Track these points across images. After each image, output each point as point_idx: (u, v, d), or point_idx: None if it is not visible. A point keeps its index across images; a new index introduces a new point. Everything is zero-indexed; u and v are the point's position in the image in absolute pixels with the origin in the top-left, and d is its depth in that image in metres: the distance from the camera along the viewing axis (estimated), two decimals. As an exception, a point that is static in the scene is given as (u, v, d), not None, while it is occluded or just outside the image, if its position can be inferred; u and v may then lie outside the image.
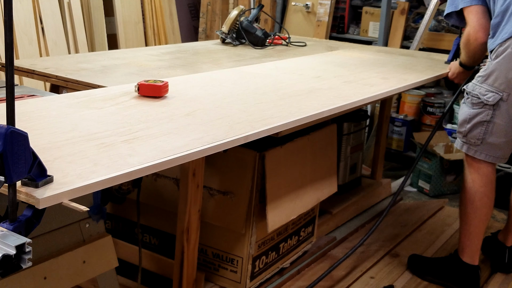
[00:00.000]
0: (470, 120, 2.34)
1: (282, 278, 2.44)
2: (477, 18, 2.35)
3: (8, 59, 1.01)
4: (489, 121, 2.30)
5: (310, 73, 2.48)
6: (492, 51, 2.29)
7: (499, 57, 2.24)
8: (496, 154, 2.35)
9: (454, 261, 2.47)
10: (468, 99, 2.36)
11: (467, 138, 2.37)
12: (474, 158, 2.38)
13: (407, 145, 4.25)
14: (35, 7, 3.70)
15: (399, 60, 3.06)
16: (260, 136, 1.62)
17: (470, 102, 2.35)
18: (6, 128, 1.02)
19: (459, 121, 2.41)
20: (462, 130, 2.39)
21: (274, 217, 2.16)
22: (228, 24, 3.24)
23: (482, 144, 2.34)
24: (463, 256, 2.44)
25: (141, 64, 2.52)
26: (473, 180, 2.38)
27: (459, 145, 2.42)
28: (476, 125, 2.33)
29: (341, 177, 3.06)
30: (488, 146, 2.33)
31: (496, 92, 2.26)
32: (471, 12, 2.36)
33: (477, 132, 2.33)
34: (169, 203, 2.19)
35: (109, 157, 1.30)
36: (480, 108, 2.31)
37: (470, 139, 2.36)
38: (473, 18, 2.36)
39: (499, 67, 2.24)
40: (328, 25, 4.56)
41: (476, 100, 2.32)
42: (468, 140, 2.37)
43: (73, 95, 1.88)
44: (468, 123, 2.35)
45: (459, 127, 2.40)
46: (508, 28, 2.22)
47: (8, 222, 1.10)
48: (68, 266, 1.58)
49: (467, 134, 2.36)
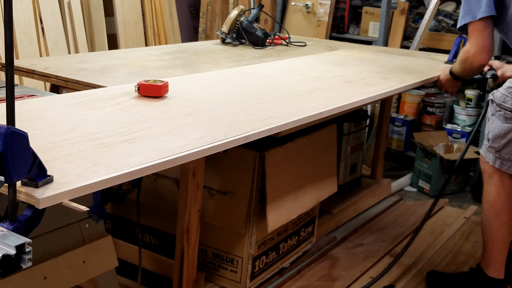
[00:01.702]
0: (505, 135, 2.21)
1: (282, 278, 2.44)
2: (482, 38, 2.21)
3: (8, 59, 1.01)
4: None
5: (310, 73, 2.48)
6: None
7: None
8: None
9: (479, 276, 2.38)
10: (500, 112, 2.21)
11: (500, 153, 2.25)
12: (503, 173, 2.27)
13: (407, 145, 4.25)
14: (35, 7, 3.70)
15: (399, 60, 3.06)
16: (260, 136, 1.62)
17: (503, 116, 2.20)
18: (6, 128, 1.02)
19: (492, 135, 2.26)
20: (495, 146, 2.25)
21: (274, 217, 2.16)
22: (228, 24, 3.24)
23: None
24: (488, 271, 2.35)
25: (141, 64, 2.52)
26: (499, 194, 2.29)
27: (491, 160, 2.28)
28: (511, 140, 2.21)
29: (341, 177, 3.06)
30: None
31: None
32: (479, 30, 2.21)
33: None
34: (169, 203, 2.19)
35: (109, 157, 1.30)
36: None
37: (504, 154, 2.24)
38: (477, 38, 2.22)
39: None
40: (328, 25, 4.56)
41: (510, 115, 2.18)
42: (501, 156, 2.25)
43: (73, 95, 1.88)
44: (503, 138, 2.22)
45: (492, 142, 2.26)
46: None
47: (8, 222, 1.10)
48: (68, 266, 1.58)
49: (500, 150, 2.24)
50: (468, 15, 2.21)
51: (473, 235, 3.06)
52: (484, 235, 2.36)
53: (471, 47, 2.24)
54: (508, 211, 2.29)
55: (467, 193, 3.81)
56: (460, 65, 2.39)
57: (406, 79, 2.51)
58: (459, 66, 2.41)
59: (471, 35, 2.24)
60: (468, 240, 3.00)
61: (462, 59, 2.35)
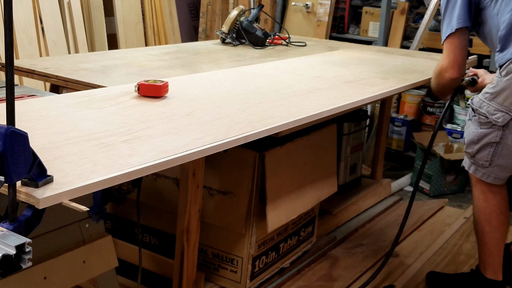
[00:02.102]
0: (478, 141, 2.20)
1: (282, 278, 2.44)
2: (455, 53, 2.22)
3: (8, 59, 1.01)
4: (498, 142, 2.16)
5: (310, 73, 2.48)
6: (502, 67, 2.11)
7: (510, 74, 2.08)
8: (504, 176, 2.24)
9: (478, 277, 2.37)
10: (475, 117, 2.20)
11: (474, 159, 2.24)
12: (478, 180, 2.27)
13: (407, 145, 4.25)
14: (35, 7, 3.70)
15: (399, 60, 3.06)
16: (260, 136, 1.62)
17: (478, 121, 2.20)
18: (6, 128, 1.02)
19: (466, 141, 2.26)
20: (469, 151, 2.25)
21: (274, 217, 2.16)
22: (228, 24, 3.24)
23: (491, 166, 2.21)
24: (486, 273, 2.34)
25: (141, 64, 2.52)
26: (486, 199, 2.27)
27: (467, 166, 2.30)
28: (484, 146, 2.19)
29: (341, 177, 3.06)
30: (496, 168, 2.21)
31: (506, 112, 2.10)
32: (453, 44, 2.22)
33: (485, 154, 2.20)
34: (169, 203, 2.19)
35: (109, 157, 1.30)
36: (489, 128, 2.16)
37: (478, 160, 2.23)
38: (451, 52, 2.23)
39: (510, 85, 2.09)
40: (328, 25, 4.56)
41: (484, 120, 2.17)
42: (476, 162, 2.24)
43: (73, 95, 1.88)
44: (476, 144, 2.21)
45: (466, 147, 2.26)
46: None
47: (8, 222, 1.10)
48: (68, 266, 1.58)
49: (475, 155, 2.23)
50: (449, 28, 2.22)
51: (473, 235, 3.04)
52: (477, 239, 2.36)
53: (443, 61, 2.27)
54: (497, 216, 2.27)
55: (467, 193, 3.81)
56: (435, 79, 2.40)
57: (406, 79, 2.51)
58: (434, 81, 2.42)
59: (446, 50, 2.26)
60: (468, 240, 3.00)
61: (436, 72, 2.37)
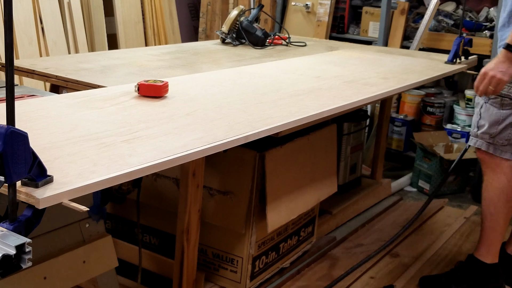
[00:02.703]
0: (503, 121, 2.30)
1: (282, 278, 2.44)
2: None
3: (8, 59, 1.01)
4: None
5: (310, 73, 2.48)
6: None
7: None
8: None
9: (476, 266, 2.42)
10: (497, 99, 2.28)
11: (494, 139, 2.32)
12: (499, 158, 2.33)
13: (407, 145, 4.25)
14: (35, 7, 3.70)
15: (399, 60, 3.06)
16: (260, 136, 1.62)
17: (500, 103, 2.29)
18: (6, 128, 1.02)
19: (489, 122, 2.33)
20: (492, 132, 2.32)
21: (274, 217, 2.16)
22: (228, 24, 3.24)
23: (509, 145, 2.31)
24: (487, 259, 2.39)
25: (141, 64, 2.52)
26: (499, 180, 2.34)
27: (485, 147, 2.35)
28: (507, 126, 2.29)
29: (341, 177, 3.06)
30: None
31: None
32: None
33: (508, 133, 2.30)
34: (169, 203, 2.19)
35: (109, 157, 1.30)
36: (511, 109, 2.28)
37: (498, 140, 2.32)
38: None
39: None
40: (328, 25, 4.56)
41: (507, 101, 2.27)
42: (495, 141, 2.32)
43: (73, 95, 1.88)
44: (500, 124, 2.30)
45: (489, 128, 2.33)
46: None
47: (8, 222, 1.09)
48: (68, 266, 1.58)
49: (496, 136, 2.32)
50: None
51: (473, 235, 3.06)
52: (486, 223, 2.39)
53: None
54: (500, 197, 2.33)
55: (467, 193, 3.81)
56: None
57: (406, 79, 2.51)
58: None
59: None
60: (468, 240, 3.00)
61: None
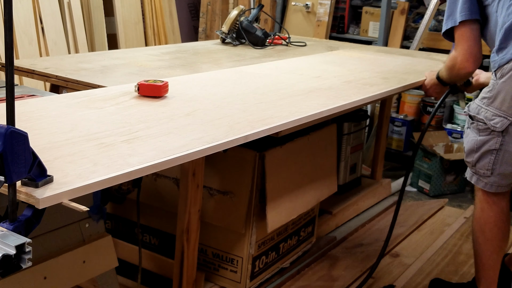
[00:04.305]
0: (478, 149, 2.09)
1: (282, 278, 2.44)
2: (468, 45, 2.07)
3: (8, 59, 1.01)
4: (499, 150, 2.05)
5: (310, 73, 2.48)
6: (497, 69, 2.00)
7: (506, 75, 1.97)
8: (506, 183, 2.13)
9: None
10: (474, 124, 2.10)
11: (475, 168, 2.13)
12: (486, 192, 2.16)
13: (407, 145, 4.25)
14: (35, 7, 3.70)
15: (399, 60, 3.06)
16: (260, 136, 1.62)
17: (476, 128, 2.08)
18: (6, 128, 1.02)
19: (466, 150, 2.15)
20: (470, 160, 2.14)
21: (274, 217, 2.16)
22: (228, 24, 3.24)
23: (493, 176, 2.10)
24: (480, 286, 2.25)
25: (141, 64, 2.52)
26: (482, 210, 2.18)
27: (469, 176, 2.19)
28: (484, 154, 2.08)
29: (341, 177, 3.06)
30: (499, 177, 2.10)
31: (505, 117, 1.99)
32: (464, 36, 2.08)
33: (486, 162, 2.09)
34: (169, 203, 2.19)
35: (109, 157, 1.30)
36: (488, 135, 2.05)
37: (479, 169, 2.12)
38: (464, 44, 2.08)
39: (505, 87, 1.98)
40: (328, 25, 4.56)
41: (482, 126, 2.05)
42: (477, 171, 2.13)
43: (73, 95, 1.88)
44: (476, 152, 2.10)
45: (467, 157, 2.16)
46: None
47: (8, 222, 1.10)
48: (68, 266, 1.58)
49: (475, 164, 2.12)
50: (450, 20, 2.11)
51: (473, 235, 3.06)
52: (473, 251, 2.27)
53: (457, 54, 2.12)
54: (491, 227, 2.16)
55: (467, 193, 3.81)
56: (447, 71, 2.27)
57: (406, 79, 2.51)
58: (446, 73, 2.29)
59: (457, 41, 2.12)
60: (468, 240, 3.00)
61: (448, 66, 2.23)
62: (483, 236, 2.19)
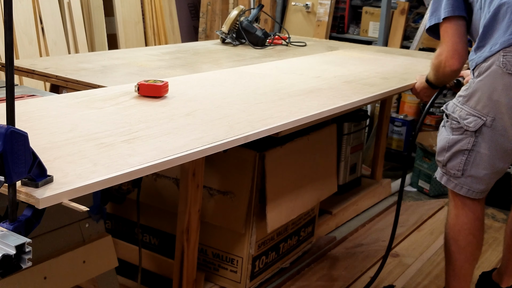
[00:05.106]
0: (450, 148, 2.00)
1: (282, 278, 2.44)
2: (453, 41, 2.00)
3: (8, 59, 1.01)
4: (471, 150, 1.96)
5: (310, 73, 2.48)
6: (475, 67, 1.93)
7: (482, 74, 1.89)
8: (479, 188, 2.00)
9: None
10: (448, 123, 2.02)
11: (446, 168, 2.04)
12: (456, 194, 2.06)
13: (407, 145, 4.25)
14: (35, 7, 3.70)
15: (399, 60, 3.06)
16: (260, 136, 1.62)
17: (450, 126, 2.01)
18: (6, 128, 1.02)
19: (438, 148, 2.07)
20: (440, 159, 2.05)
21: (274, 217, 2.16)
22: (228, 24, 3.24)
23: (463, 177, 2.00)
24: None
25: (141, 64, 2.52)
26: (457, 216, 2.07)
27: (439, 176, 2.10)
28: (456, 154, 1.99)
29: (341, 177, 3.06)
30: (470, 179, 1.99)
31: (479, 116, 1.91)
32: (448, 32, 2.02)
33: (457, 163, 1.99)
34: (169, 203, 2.19)
35: (109, 157, 1.30)
36: (460, 134, 1.97)
37: (449, 169, 2.02)
38: (449, 41, 2.01)
39: (482, 86, 1.90)
40: (328, 25, 4.56)
41: (456, 125, 1.98)
42: (447, 171, 2.04)
43: (73, 95, 1.88)
44: (447, 151, 2.01)
45: (438, 155, 2.07)
46: (498, 38, 1.85)
47: (8, 222, 1.10)
48: (68, 266, 1.58)
49: (446, 164, 2.03)
50: (434, 16, 2.05)
51: (473, 235, 3.06)
52: (445, 259, 2.17)
53: (442, 51, 2.05)
54: (465, 235, 2.06)
55: (467, 193, 3.80)
56: (433, 71, 2.19)
57: (406, 79, 2.51)
58: (433, 73, 2.21)
59: (442, 39, 2.06)
60: (468, 240, 3.00)
61: (434, 64, 2.14)
62: (456, 244, 2.09)
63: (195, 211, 1.99)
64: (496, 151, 1.94)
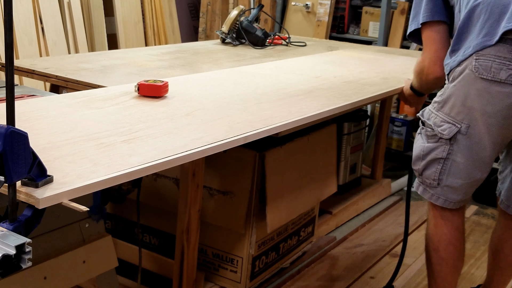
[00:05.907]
0: (425, 156, 1.91)
1: (282, 278, 2.44)
2: (435, 48, 1.93)
3: (8, 59, 1.01)
4: (446, 159, 1.86)
5: (310, 73, 2.48)
6: (450, 72, 1.84)
7: (456, 79, 1.80)
8: (455, 199, 1.91)
9: None
10: (423, 130, 1.93)
11: (422, 178, 1.95)
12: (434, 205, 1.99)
13: (407, 145, 4.24)
14: (35, 7, 3.70)
15: (399, 60, 3.06)
16: (260, 136, 1.62)
17: (425, 133, 1.92)
18: (6, 128, 1.02)
19: (413, 156, 1.97)
20: (416, 168, 1.96)
21: (274, 217, 2.16)
22: (228, 24, 3.24)
23: (439, 186, 1.91)
24: None
25: (141, 64, 2.52)
26: (436, 226, 2.00)
27: (415, 186, 2.02)
28: (431, 162, 1.90)
29: (341, 177, 3.06)
30: (446, 189, 1.91)
31: (453, 123, 1.82)
32: (430, 38, 1.95)
33: (433, 172, 1.90)
34: (169, 203, 2.19)
35: (109, 157, 1.30)
36: (435, 142, 1.88)
37: (425, 179, 1.94)
38: (431, 47, 1.95)
39: (456, 91, 1.80)
40: (328, 25, 4.56)
41: (430, 132, 1.89)
42: (423, 181, 1.95)
43: (73, 95, 1.88)
44: (422, 159, 1.92)
45: (413, 164, 1.97)
46: (471, 41, 1.76)
47: (8, 222, 1.10)
48: (68, 266, 1.58)
49: (422, 173, 1.94)
50: (414, 22, 1.98)
51: (473, 235, 3.06)
52: (427, 269, 2.10)
53: (425, 57, 1.98)
54: (445, 246, 1.98)
55: (467, 193, 3.80)
56: (416, 78, 2.13)
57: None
58: (416, 80, 2.14)
59: (424, 45, 1.98)
60: (468, 239, 3.00)
61: (417, 71, 2.08)
62: (437, 255, 2.01)
63: (195, 211, 1.99)
64: (473, 160, 1.84)
